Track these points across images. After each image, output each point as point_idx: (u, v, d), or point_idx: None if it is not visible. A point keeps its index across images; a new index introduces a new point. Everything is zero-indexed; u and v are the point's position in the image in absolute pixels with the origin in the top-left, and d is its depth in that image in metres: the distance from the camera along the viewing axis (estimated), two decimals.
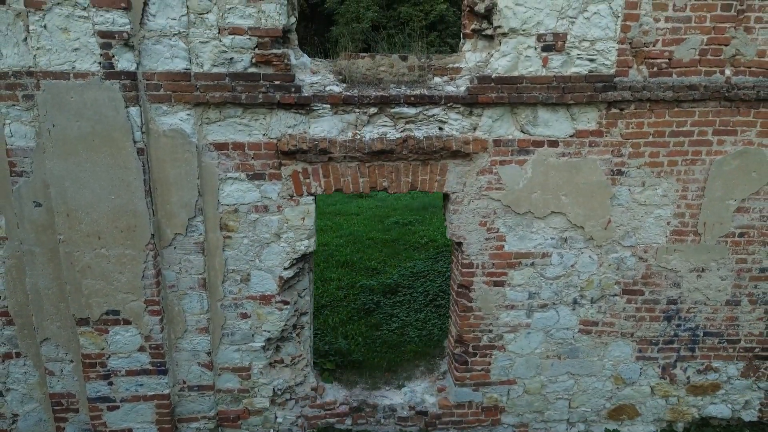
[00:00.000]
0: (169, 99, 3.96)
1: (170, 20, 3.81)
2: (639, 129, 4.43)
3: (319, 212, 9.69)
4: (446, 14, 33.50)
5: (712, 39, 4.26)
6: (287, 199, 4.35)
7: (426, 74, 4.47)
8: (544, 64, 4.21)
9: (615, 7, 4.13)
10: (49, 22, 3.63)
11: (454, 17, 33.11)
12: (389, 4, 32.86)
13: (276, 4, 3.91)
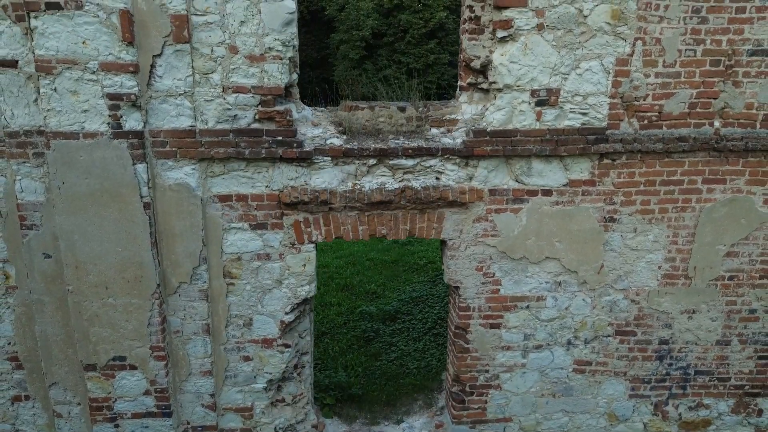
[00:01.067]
0: (174, 155, 4.11)
1: (176, 81, 3.96)
2: (630, 178, 4.58)
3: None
4: (446, 22, 33.69)
5: (701, 93, 4.42)
6: (289, 247, 4.50)
7: (423, 125, 4.63)
8: (538, 117, 4.36)
9: (606, 64, 4.29)
10: (60, 86, 3.79)
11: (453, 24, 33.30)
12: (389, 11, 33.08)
13: (278, 65, 4.06)
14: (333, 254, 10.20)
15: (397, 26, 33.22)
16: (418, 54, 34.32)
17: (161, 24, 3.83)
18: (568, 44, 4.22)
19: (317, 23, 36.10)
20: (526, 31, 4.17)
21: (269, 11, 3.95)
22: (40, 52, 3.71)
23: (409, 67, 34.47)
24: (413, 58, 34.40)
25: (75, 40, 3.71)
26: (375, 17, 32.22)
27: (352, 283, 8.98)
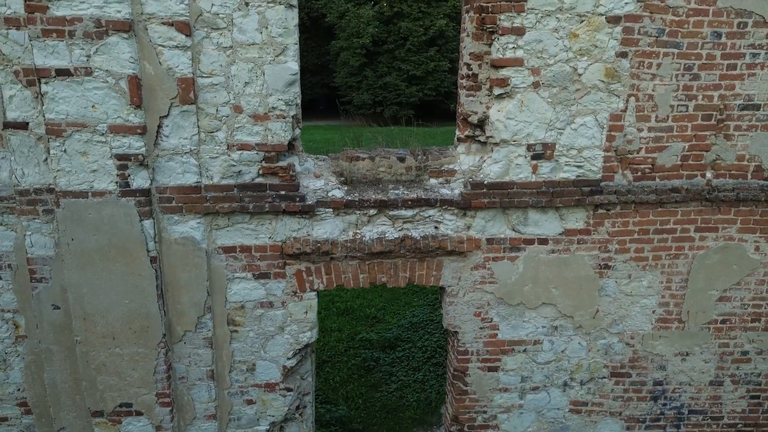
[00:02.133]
0: (180, 210, 4.25)
1: (182, 139, 4.10)
2: (625, 227, 4.71)
3: None
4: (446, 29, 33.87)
5: (693, 146, 4.56)
6: (291, 295, 4.63)
7: (422, 174, 4.76)
8: (534, 170, 4.50)
9: (600, 120, 4.42)
10: (69, 147, 3.92)
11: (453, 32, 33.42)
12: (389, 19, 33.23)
13: (282, 123, 4.20)
14: None
15: (397, 34, 33.45)
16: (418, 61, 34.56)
17: (168, 87, 3.96)
18: (564, 101, 4.36)
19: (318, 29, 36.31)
20: (522, 88, 4.31)
21: (273, 73, 4.09)
22: (51, 116, 3.85)
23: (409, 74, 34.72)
24: (413, 66, 34.66)
25: (84, 104, 3.85)
26: (375, 25, 32.42)
27: (353, 307, 9.11)
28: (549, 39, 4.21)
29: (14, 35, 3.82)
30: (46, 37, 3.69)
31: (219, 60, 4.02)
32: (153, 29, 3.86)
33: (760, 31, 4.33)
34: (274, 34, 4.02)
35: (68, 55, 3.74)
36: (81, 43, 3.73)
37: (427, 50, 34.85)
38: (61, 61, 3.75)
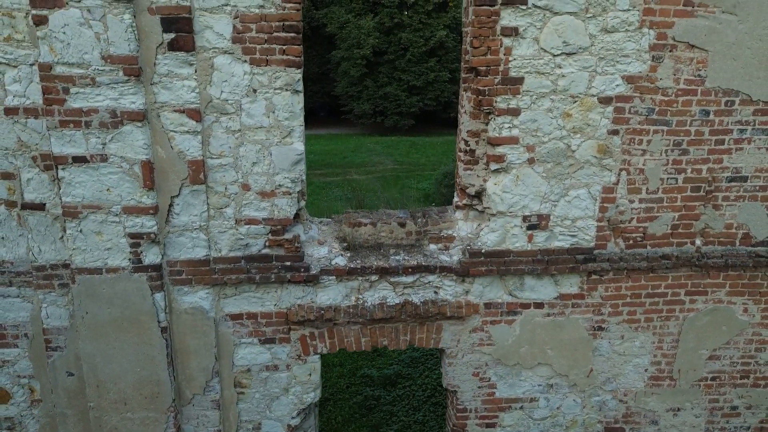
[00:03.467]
0: (190, 282, 4.46)
1: (192, 217, 4.31)
2: (617, 292, 4.92)
3: None
4: (446, 40, 34.09)
5: (683, 215, 4.77)
6: (295, 359, 4.84)
7: (422, 239, 4.97)
8: (530, 240, 4.71)
9: (593, 192, 4.64)
10: (85, 228, 4.13)
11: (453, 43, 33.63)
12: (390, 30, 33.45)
13: (287, 199, 4.42)
14: None
15: (397, 44, 33.70)
16: (419, 72, 34.80)
17: (179, 169, 4.18)
18: (558, 175, 4.58)
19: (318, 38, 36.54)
20: (518, 164, 4.53)
21: (279, 153, 4.31)
22: (67, 199, 4.06)
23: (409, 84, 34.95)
24: (414, 76, 34.90)
25: (100, 188, 4.07)
26: (375, 36, 32.65)
27: None
28: (543, 118, 4.43)
29: (32, 124, 4.04)
30: (64, 127, 3.91)
31: (228, 142, 4.24)
32: (165, 116, 4.08)
33: (747, 108, 4.55)
34: (281, 118, 4.24)
35: (84, 143, 3.96)
36: (97, 132, 3.95)
37: (428, 61, 35.07)
38: (77, 149, 3.96)
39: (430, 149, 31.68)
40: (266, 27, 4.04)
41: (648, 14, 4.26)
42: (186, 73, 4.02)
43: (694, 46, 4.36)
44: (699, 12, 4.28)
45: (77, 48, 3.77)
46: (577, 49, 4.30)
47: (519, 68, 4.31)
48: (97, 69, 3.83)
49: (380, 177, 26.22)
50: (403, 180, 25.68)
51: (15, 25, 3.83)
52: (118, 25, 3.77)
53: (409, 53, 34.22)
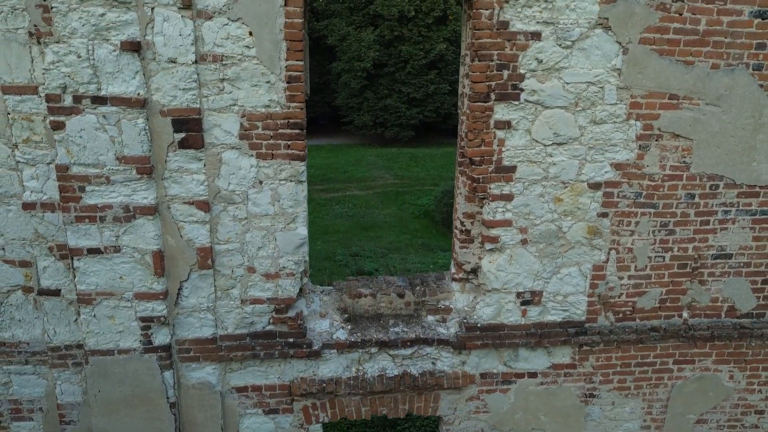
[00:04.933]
0: (197, 359, 4.70)
1: (200, 299, 4.56)
2: (608, 361, 5.17)
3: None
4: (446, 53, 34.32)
5: (670, 291, 5.02)
6: (298, 428, 5.08)
7: (421, 309, 5.22)
8: (523, 314, 4.96)
9: (584, 270, 4.89)
10: (98, 313, 4.38)
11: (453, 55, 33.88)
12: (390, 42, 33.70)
13: (291, 280, 4.66)
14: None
15: (397, 57, 33.99)
16: (419, 84, 35.07)
17: (188, 256, 4.43)
18: (550, 254, 4.82)
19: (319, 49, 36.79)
20: (511, 245, 4.77)
21: (284, 238, 4.55)
22: (82, 287, 4.31)
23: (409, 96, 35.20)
24: (414, 88, 35.17)
25: (113, 276, 4.31)
26: (376, 48, 32.92)
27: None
28: (535, 203, 4.68)
29: (49, 217, 4.29)
30: (79, 222, 4.16)
31: (235, 229, 4.49)
32: (175, 208, 4.32)
33: (731, 192, 4.80)
34: (285, 206, 4.48)
35: (99, 236, 4.21)
36: (111, 226, 4.20)
37: (428, 73, 35.32)
38: (92, 242, 4.21)
39: (430, 162, 31.93)
40: (272, 124, 4.29)
41: (635, 107, 4.51)
42: (195, 168, 4.27)
43: (680, 135, 4.61)
44: (684, 104, 4.53)
45: (93, 150, 4.03)
46: (568, 139, 4.55)
47: (512, 157, 4.56)
48: (111, 169, 4.08)
49: (380, 193, 26.48)
50: (403, 196, 25.94)
51: (33, 128, 4.08)
52: (132, 129, 4.02)
53: (409, 66, 34.50)
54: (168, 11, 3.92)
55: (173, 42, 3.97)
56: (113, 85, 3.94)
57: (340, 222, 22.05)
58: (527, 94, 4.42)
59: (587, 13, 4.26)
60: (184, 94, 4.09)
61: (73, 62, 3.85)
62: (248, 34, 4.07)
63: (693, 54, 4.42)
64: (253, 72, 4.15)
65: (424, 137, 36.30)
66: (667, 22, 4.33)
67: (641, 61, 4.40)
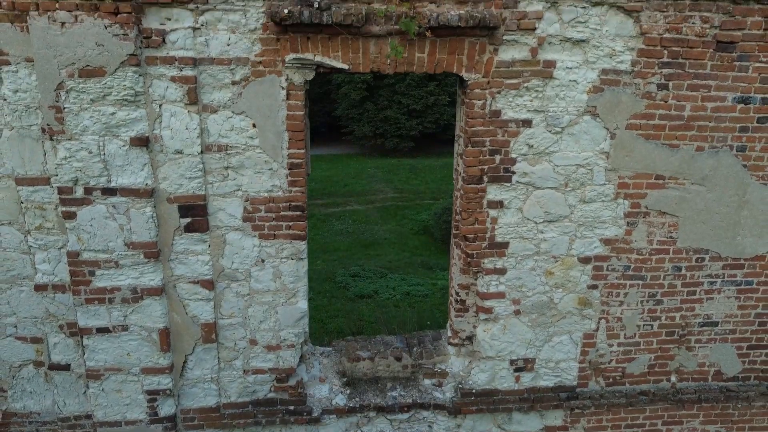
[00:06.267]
0: (201, 427, 4.92)
1: (204, 370, 4.78)
2: (599, 423, 5.38)
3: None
4: None
5: (658, 357, 5.23)
6: None
7: (418, 372, 5.42)
8: (517, 380, 5.17)
9: (575, 338, 5.10)
10: (106, 387, 4.60)
11: None
12: None
13: (292, 351, 4.88)
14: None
15: None
16: (418, 95, 35.36)
17: (193, 331, 4.64)
18: (542, 324, 5.04)
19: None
20: (505, 315, 4.99)
21: (285, 312, 4.77)
22: (91, 364, 4.52)
23: (409, 108, 35.45)
24: (413, 100, 35.44)
25: (121, 353, 4.53)
26: None
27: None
28: (528, 276, 4.89)
29: (60, 297, 4.50)
30: (89, 304, 4.37)
31: (238, 304, 4.70)
32: (181, 287, 4.54)
33: (717, 264, 5.01)
34: (287, 282, 4.70)
35: (108, 316, 4.42)
36: (119, 307, 4.42)
37: (427, 85, 35.52)
38: (101, 321, 4.43)
39: (430, 174, 32.16)
40: (274, 207, 4.50)
41: (622, 187, 4.73)
42: (200, 249, 4.48)
43: (666, 212, 4.82)
44: (670, 184, 4.75)
45: (103, 237, 4.24)
46: (558, 217, 4.76)
47: (504, 234, 4.77)
48: (120, 254, 4.29)
49: (380, 207, 26.72)
50: (403, 210, 26.18)
51: (45, 215, 4.30)
52: (140, 217, 4.24)
53: (408, 77, 34.75)
54: (175, 107, 4.14)
55: (180, 135, 4.19)
56: (122, 177, 4.16)
57: (340, 239, 22.27)
58: (519, 176, 4.63)
59: (576, 101, 4.48)
60: (190, 182, 4.31)
61: (84, 157, 4.07)
62: (252, 126, 4.29)
63: (678, 138, 4.64)
64: (256, 160, 4.37)
65: (424, 147, 36.57)
66: (652, 109, 4.54)
67: (628, 145, 4.62)
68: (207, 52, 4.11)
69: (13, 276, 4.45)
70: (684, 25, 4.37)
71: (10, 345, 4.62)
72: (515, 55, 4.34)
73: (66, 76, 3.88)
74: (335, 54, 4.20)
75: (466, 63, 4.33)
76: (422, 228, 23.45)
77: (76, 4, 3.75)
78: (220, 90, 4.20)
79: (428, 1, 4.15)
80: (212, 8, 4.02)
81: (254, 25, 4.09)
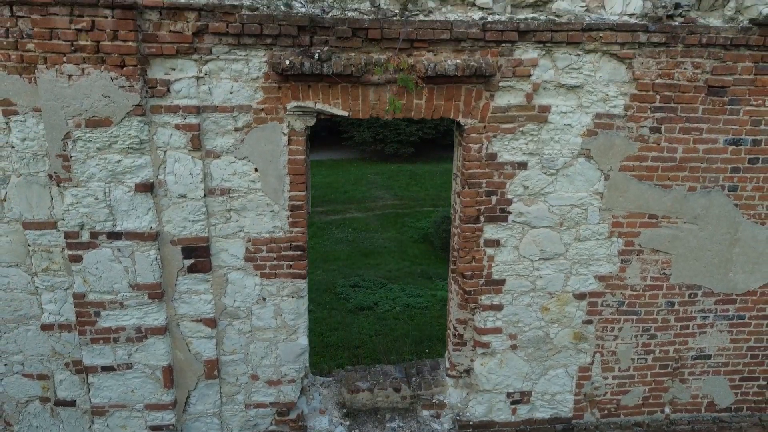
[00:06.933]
0: None
1: (207, 405, 4.89)
2: None
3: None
4: None
5: (652, 389, 5.35)
6: None
7: (416, 403, 5.54)
8: (513, 413, 5.29)
9: (570, 371, 5.21)
10: (111, 422, 4.71)
11: None
12: None
13: (292, 386, 4.99)
14: None
15: None
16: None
17: (196, 368, 4.76)
18: (538, 358, 5.15)
19: None
20: (502, 350, 5.10)
21: (286, 348, 4.89)
22: (96, 401, 4.64)
23: None
24: None
25: (125, 390, 4.64)
26: None
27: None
28: (524, 312, 5.01)
29: (66, 336, 4.62)
30: (94, 343, 4.49)
31: (239, 341, 4.82)
32: (184, 325, 4.66)
33: (709, 299, 5.13)
34: (287, 320, 4.81)
35: (112, 355, 4.54)
36: (124, 346, 4.53)
37: None
38: (106, 360, 4.55)
39: (429, 181, 32.25)
40: (275, 248, 4.62)
41: (616, 226, 4.85)
42: (203, 289, 4.60)
43: (659, 250, 4.93)
44: (663, 223, 4.87)
45: (108, 279, 4.36)
46: (554, 255, 4.88)
47: (501, 272, 4.89)
48: (125, 295, 4.41)
49: (380, 215, 26.81)
50: (403, 218, 26.26)
51: (52, 258, 4.41)
52: (145, 260, 4.35)
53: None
54: (179, 153, 4.26)
55: (183, 180, 4.31)
56: (127, 221, 4.28)
57: (341, 248, 22.37)
58: (515, 216, 4.75)
59: (570, 144, 4.60)
60: (193, 224, 4.43)
61: (90, 203, 4.19)
62: (254, 170, 4.41)
63: (671, 178, 4.76)
64: (258, 203, 4.49)
65: (424, 153, 36.62)
66: (645, 151, 4.66)
67: (621, 186, 4.74)
68: (210, 100, 4.23)
69: (21, 315, 4.57)
70: (676, 71, 4.49)
71: (17, 382, 4.74)
72: (511, 101, 4.46)
73: (73, 126, 4.00)
74: (335, 101, 4.32)
75: (462, 109, 4.45)
76: (422, 236, 23.54)
77: (83, 57, 3.87)
78: (223, 136, 4.32)
79: (425, 50, 4.27)
80: (215, 58, 4.15)
81: (256, 74, 4.21)
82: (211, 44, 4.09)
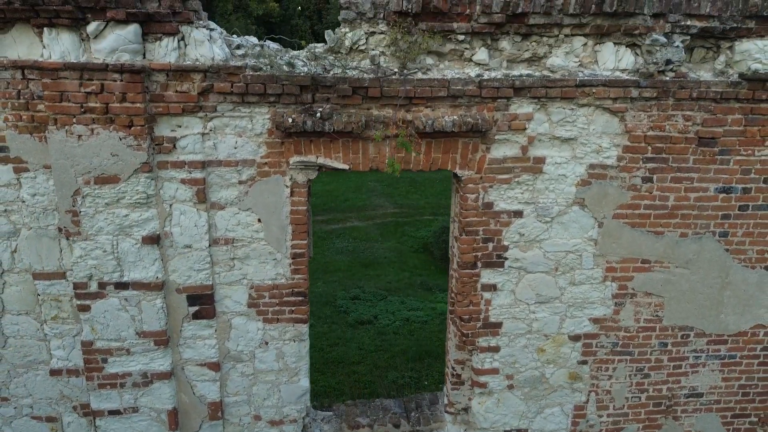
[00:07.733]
0: None
1: None
2: None
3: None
4: None
5: (646, 426, 5.51)
6: None
7: None
8: None
9: (566, 410, 5.36)
10: None
11: None
12: None
13: (294, 425, 5.15)
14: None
15: None
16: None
17: (200, 410, 4.91)
18: (534, 397, 5.29)
19: None
20: (499, 390, 5.25)
21: (287, 390, 5.04)
22: None
23: None
24: None
25: None
26: None
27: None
28: (520, 353, 5.15)
29: (74, 381, 4.77)
30: (102, 388, 4.64)
31: (243, 384, 4.97)
32: (189, 369, 4.81)
33: (701, 339, 5.28)
34: (289, 363, 4.96)
35: (119, 399, 4.69)
36: (130, 391, 4.68)
37: None
38: (113, 404, 4.70)
39: (429, 188, 32.37)
40: (278, 294, 4.77)
41: (610, 271, 4.99)
42: (207, 334, 4.75)
43: (652, 293, 5.08)
44: (655, 267, 5.01)
45: (115, 328, 4.51)
46: (549, 298, 5.02)
47: (498, 315, 5.04)
48: (131, 342, 4.56)
49: (380, 224, 26.95)
50: (402, 227, 26.39)
51: (61, 306, 4.56)
52: (151, 309, 4.50)
53: None
54: (185, 206, 4.41)
55: (189, 231, 4.46)
56: (134, 272, 4.42)
57: (341, 258, 22.51)
58: (511, 262, 4.89)
59: (565, 193, 4.74)
60: (198, 273, 4.57)
61: (99, 256, 4.34)
62: (257, 221, 4.56)
63: (663, 225, 4.91)
64: (261, 251, 4.64)
65: None
66: (638, 199, 4.81)
67: (615, 233, 4.88)
68: (215, 155, 4.38)
69: (30, 361, 4.71)
70: (667, 123, 4.64)
71: (26, 424, 4.88)
72: (507, 153, 4.61)
73: (82, 183, 4.15)
74: (336, 155, 4.47)
75: (459, 161, 4.59)
76: (422, 246, 23.66)
77: (92, 118, 4.02)
78: (228, 189, 4.46)
79: (423, 106, 4.42)
80: (220, 115, 4.29)
81: (260, 129, 4.36)
82: (216, 102, 4.24)
